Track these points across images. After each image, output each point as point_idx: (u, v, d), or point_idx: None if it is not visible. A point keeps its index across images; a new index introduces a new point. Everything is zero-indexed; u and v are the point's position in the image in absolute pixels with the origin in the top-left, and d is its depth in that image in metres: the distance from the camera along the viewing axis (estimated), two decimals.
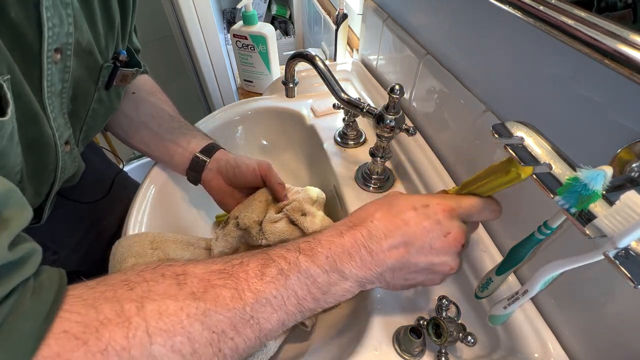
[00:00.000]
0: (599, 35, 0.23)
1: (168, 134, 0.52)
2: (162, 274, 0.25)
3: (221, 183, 0.52)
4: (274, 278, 0.27)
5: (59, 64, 0.34)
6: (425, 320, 0.37)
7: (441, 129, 0.51)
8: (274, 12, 1.35)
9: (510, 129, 0.25)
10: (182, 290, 0.24)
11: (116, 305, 0.22)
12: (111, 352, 0.21)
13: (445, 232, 0.30)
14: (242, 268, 0.27)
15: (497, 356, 0.36)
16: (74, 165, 0.44)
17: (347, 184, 0.55)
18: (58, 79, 0.35)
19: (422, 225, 0.30)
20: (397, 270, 0.30)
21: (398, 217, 0.30)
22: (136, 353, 0.21)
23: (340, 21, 0.79)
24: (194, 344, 0.23)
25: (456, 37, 0.45)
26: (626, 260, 0.19)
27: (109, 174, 0.65)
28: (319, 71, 0.50)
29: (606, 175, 0.20)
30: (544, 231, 0.26)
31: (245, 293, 0.26)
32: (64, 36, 0.33)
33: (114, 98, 0.47)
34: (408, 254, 0.30)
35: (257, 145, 0.72)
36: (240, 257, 0.29)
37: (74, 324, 0.21)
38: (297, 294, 0.27)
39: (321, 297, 0.29)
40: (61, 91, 0.36)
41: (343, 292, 0.29)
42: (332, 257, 0.29)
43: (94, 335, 0.21)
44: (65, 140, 0.39)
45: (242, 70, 0.96)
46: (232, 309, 0.25)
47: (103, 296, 0.23)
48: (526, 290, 0.26)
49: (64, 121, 0.38)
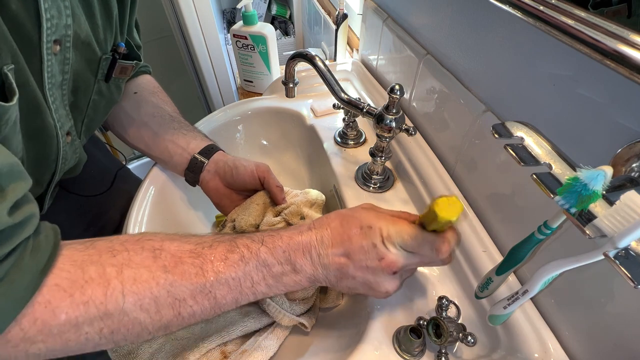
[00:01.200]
0: (599, 35, 0.23)
1: (168, 135, 0.52)
2: (142, 246, 0.30)
3: (219, 185, 0.52)
4: (235, 263, 0.31)
5: (59, 56, 0.34)
6: (425, 320, 0.37)
7: (441, 129, 0.51)
8: (274, 12, 1.35)
9: (510, 129, 0.25)
10: (156, 263, 0.29)
11: (99, 268, 0.27)
12: (91, 305, 0.26)
13: (379, 256, 0.32)
14: (210, 251, 0.31)
15: (497, 356, 0.36)
16: (75, 156, 0.44)
17: (347, 184, 0.55)
18: (58, 71, 0.35)
19: (360, 244, 0.32)
20: (339, 276, 0.33)
21: (346, 231, 0.33)
22: (111, 308, 0.26)
23: (340, 21, 0.79)
24: (158, 306, 0.28)
25: (456, 37, 0.45)
26: (626, 260, 0.19)
27: (112, 168, 0.66)
28: (319, 71, 0.50)
29: (606, 175, 0.20)
30: (544, 231, 0.26)
31: (208, 272, 0.30)
32: (63, 28, 0.34)
33: (114, 90, 0.47)
34: (347, 266, 0.33)
35: (257, 145, 0.72)
36: (212, 240, 0.33)
37: (64, 279, 0.25)
38: (253, 278, 0.32)
39: (274, 284, 0.33)
40: (62, 83, 0.37)
41: (294, 283, 0.34)
42: (288, 252, 0.33)
43: (79, 290, 0.26)
44: (66, 131, 0.40)
45: (242, 70, 0.96)
46: (194, 284, 0.30)
47: (90, 259, 0.27)
48: (526, 290, 0.26)
49: (65, 112, 0.39)
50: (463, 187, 0.47)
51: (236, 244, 0.32)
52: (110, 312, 0.26)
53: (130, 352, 0.39)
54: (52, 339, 0.25)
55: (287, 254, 0.33)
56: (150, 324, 0.28)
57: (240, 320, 0.43)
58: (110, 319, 0.27)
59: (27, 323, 0.24)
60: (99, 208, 0.61)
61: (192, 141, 0.52)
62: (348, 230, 0.33)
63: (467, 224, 0.43)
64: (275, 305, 0.42)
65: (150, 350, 0.39)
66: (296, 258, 0.33)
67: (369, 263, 0.32)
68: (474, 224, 0.43)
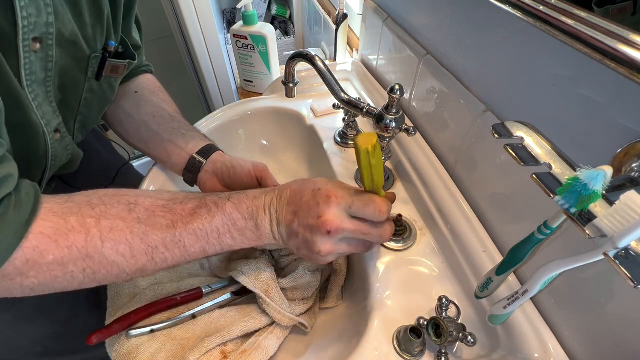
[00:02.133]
0: (599, 35, 0.23)
1: (167, 134, 0.52)
2: (118, 200, 0.33)
3: (217, 185, 0.51)
4: (201, 216, 0.35)
5: (39, 53, 0.35)
6: (425, 320, 0.37)
7: (441, 129, 0.51)
8: (274, 12, 1.35)
9: (510, 129, 0.25)
10: (131, 215, 0.33)
11: (80, 219, 0.30)
12: (74, 249, 0.30)
13: (318, 214, 0.34)
14: (181, 206, 0.35)
15: (497, 356, 0.36)
16: (67, 153, 0.44)
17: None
18: (40, 68, 0.35)
19: (307, 202, 0.35)
20: (289, 233, 0.36)
21: (300, 191, 0.36)
22: (91, 251, 0.30)
23: (340, 21, 0.79)
24: (133, 251, 0.32)
25: (456, 37, 0.45)
26: (626, 260, 0.19)
27: (115, 164, 0.66)
28: (319, 71, 0.50)
29: (606, 175, 0.20)
30: (544, 231, 0.26)
31: (178, 224, 0.34)
32: (43, 26, 0.34)
33: (107, 89, 0.47)
34: (294, 222, 0.35)
35: (257, 145, 0.72)
36: (183, 197, 0.36)
37: (48, 228, 0.29)
38: (219, 230, 0.35)
39: (238, 237, 0.36)
40: (45, 80, 0.37)
41: (256, 238, 0.37)
42: (252, 208, 0.36)
43: (63, 237, 0.29)
44: (54, 128, 0.40)
45: (242, 70, 0.96)
46: (165, 233, 0.33)
47: (70, 211, 0.31)
48: (526, 290, 0.26)
49: (52, 109, 0.39)
50: (463, 187, 0.47)
51: (205, 201, 0.36)
52: (91, 254, 0.30)
53: (130, 352, 0.39)
54: (42, 275, 0.29)
55: (251, 209, 0.36)
56: (127, 266, 0.32)
57: (240, 320, 0.43)
58: (92, 260, 0.31)
59: (20, 263, 0.28)
60: None
61: (191, 141, 0.52)
62: (303, 191, 0.36)
63: (467, 224, 0.43)
64: (274, 306, 0.42)
65: (150, 350, 0.39)
66: (258, 214, 0.36)
67: (310, 221, 0.34)
68: (474, 224, 0.43)
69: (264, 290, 0.43)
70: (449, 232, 0.45)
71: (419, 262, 0.45)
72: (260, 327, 0.43)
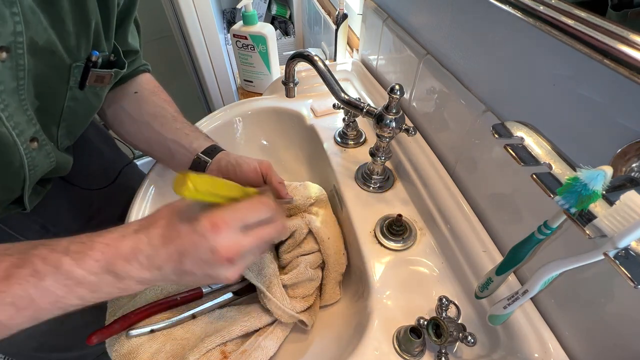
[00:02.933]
0: (599, 35, 0.23)
1: (170, 134, 0.52)
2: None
3: None
4: (22, 279, 0.28)
5: (7, 62, 0.34)
6: (425, 320, 0.37)
7: (441, 129, 0.51)
8: (274, 12, 1.35)
9: (510, 129, 0.25)
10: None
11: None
12: None
13: (211, 248, 0.31)
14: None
15: (497, 356, 0.36)
16: (49, 161, 0.43)
17: (347, 184, 0.55)
18: (10, 77, 0.34)
19: (191, 240, 0.31)
20: (179, 273, 0.32)
21: (175, 228, 0.32)
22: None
23: (340, 21, 0.79)
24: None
25: (456, 37, 0.45)
26: (626, 260, 0.19)
27: (117, 164, 0.66)
28: (319, 71, 0.50)
29: (606, 175, 0.20)
30: (544, 231, 0.26)
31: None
32: (10, 35, 0.33)
33: (92, 97, 0.46)
34: (182, 264, 0.31)
35: (257, 145, 0.72)
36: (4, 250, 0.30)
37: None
38: (57, 294, 0.29)
39: (89, 295, 0.30)
40: (17, 89, 0.36)
41: (119, 290, 0.31)
42: (103, 261, 0.30)
43: None
44: (29, 137, 0.39)
45: (242, 70, 0.96)
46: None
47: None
48: (526, 290, 0.26)
49: (26, 118, 0.38)
50: (463, 187, 0.47)
51: (28, 257, 0.29)
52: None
53: (130, 352, 0.39)
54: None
55: (103, 263, 0.30)
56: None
57: (240, 320, 0.43)
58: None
59: None
60: (101, 202, 0.62)
61: (195, 141, 0.52)
62: (177, 226, 0.32)
63: (467, 224, 0.44)
64: (276, 302, 0.42)
65: (150, 350, 0.39)
66: (116, 267, 0.30)
67: (203, 257, 0.31)
68: (474, 224, 0.43)
69: (266, 286, 0.43)
70: (449, 232, 0.45)
71: (419, 262, 0.45)
72: (260, 326, 0.43)
